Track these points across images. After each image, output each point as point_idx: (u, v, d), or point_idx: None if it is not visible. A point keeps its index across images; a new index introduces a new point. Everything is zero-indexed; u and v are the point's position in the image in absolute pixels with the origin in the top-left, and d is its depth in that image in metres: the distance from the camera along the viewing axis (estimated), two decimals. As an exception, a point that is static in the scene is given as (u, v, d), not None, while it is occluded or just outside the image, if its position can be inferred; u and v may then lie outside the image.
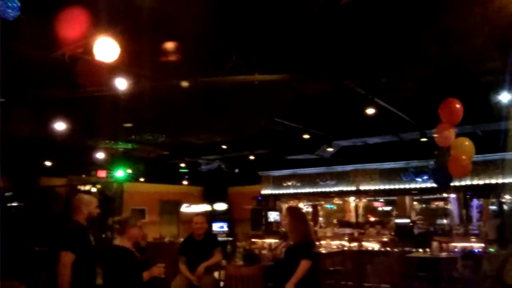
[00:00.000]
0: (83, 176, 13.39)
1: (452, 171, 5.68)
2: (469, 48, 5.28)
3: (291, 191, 14.41)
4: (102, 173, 12.29)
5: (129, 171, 12.39)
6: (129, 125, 8.11)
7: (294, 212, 4.86)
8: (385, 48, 5.55)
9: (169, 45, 4.81)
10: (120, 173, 11.82)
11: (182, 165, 13.59)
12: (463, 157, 5.56)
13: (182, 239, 7.34)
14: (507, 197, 11.31)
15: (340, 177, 13.48)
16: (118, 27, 4.32)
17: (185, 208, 15.91)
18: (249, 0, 4.27)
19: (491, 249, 4.46)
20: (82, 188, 12.66)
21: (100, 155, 10.62)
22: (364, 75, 6.19)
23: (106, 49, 4.32)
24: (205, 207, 16.04)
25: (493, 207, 11.96)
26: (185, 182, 16.15)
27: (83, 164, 12.29)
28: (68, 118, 7.65)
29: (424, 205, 14.06)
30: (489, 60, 5.51)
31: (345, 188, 13.40)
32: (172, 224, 16.20)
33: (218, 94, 6.79)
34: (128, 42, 4.50)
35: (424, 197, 13.43)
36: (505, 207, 10.74)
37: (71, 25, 4.21)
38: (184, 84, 5.68)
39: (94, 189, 12.64)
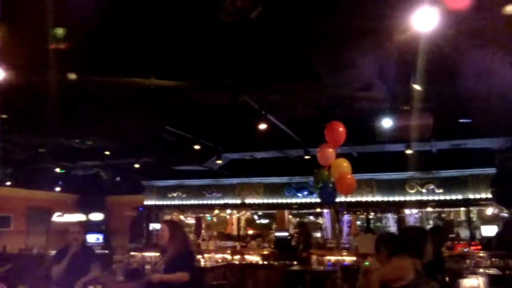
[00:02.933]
0: None
1: (339, 189, 6.05)
2: (357, 75, 5.72)
3: (176, 202, 14.06)
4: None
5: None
6: (3, 116, 7.19)
7: (172, 224, 4.85)
8: (281, 67, 5.76)
9: (58, 31, 4.37)
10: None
11: (57, 170, 12.43)
12: (349, 176, 5.96)
13: (53, 251, 6.65)
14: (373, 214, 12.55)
15: (226, 190, 13.56)
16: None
17: (57, 217, 14.62)
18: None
19: (366, 263, 4.81)
20: None
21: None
22: (261, 90, 6.33)
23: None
24: (79, 217, 14.87)
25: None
26: (58, 189, 14.85)
27: None
28: None
29: (300, 219, 14.71)
30: (372, 88, 6.02)
31: (230, 201, 13.51)
32: (40, 234, 14.72)
33: (107, 95, 6.37)
34: (9, 28, 4.01)
35: (300, 211, 14.08)
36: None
37: None
38: (72, 76, 5.20)
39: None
